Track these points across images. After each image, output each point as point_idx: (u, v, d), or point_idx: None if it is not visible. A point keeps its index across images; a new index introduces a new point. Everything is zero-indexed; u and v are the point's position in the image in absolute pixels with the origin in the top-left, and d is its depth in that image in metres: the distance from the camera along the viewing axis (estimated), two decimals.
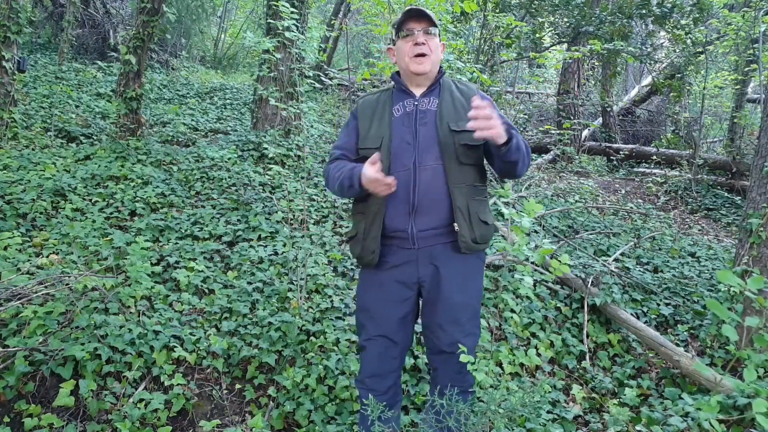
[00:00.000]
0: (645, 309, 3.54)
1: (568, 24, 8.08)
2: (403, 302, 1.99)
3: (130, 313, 2.89)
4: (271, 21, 4.70)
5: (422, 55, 1.93)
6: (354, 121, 2.07)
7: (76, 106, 7.13)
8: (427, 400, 1.99)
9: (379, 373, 2.05)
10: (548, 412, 2.58)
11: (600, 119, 10.59)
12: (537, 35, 8.35)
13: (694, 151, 7.52)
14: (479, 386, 1.91)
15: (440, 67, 2.06)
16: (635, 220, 5.85)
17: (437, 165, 1.91)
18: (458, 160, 1.90)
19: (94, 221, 3.85)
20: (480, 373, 1.85)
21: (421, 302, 2.06)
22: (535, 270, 3.61)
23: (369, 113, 2.02)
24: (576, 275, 3.68)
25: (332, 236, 4.09)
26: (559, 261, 2.59)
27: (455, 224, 1.89)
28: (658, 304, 3.60)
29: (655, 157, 8.39)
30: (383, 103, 2.02)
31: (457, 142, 1.91)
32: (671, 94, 9.32)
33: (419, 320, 2.12)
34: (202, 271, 3.41)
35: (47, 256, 3.31)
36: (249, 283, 3.38)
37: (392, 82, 2.09)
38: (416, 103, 1.98)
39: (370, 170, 1.78)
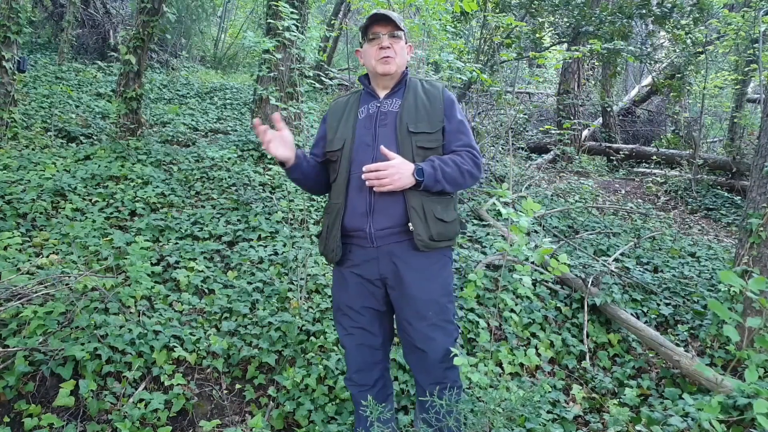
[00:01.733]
0: (645, 309, 3.54)
1: (568, 24, 8.07)
2: (369, 295, 2.03)
3: (130, 313, 2.89)
4: (271, 21, 4.70)
5: (388, 57, 1.98)
6: (323, 125, 2.14)
7: (76, 106, 7.13)
8: (424, 401, 1.98)
9: (363, 367, 2.10)
10: (548, 412, 2.58)
11: (600, 119, 10.58)
12: (537, 35, 8.33)
13: (694, 151, 7.52)
14: (478, 385, 1.91)
15: (405, 67, 2.10)
16: (635, 220, 5.84)
17: None
18: (413, 161, 1.91)
19: (94, 221, 3.85)
20: (462, 364, 1.84)
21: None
22: (536, 270, 3.61)
23: (338, 116, 2.10)
24: (576, 275, 3.68)
25: None
26: (558, 260, 2.58)
27: (410, 224, 1.91)
28: (658, 304, 3.60)
29: (655, 157, 8.39)
30: (351, 106, 2.09)
31: (414, 143, 1.95)
32: (671, 94, 9.32)
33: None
34: (202, 271, 3.41)
35: (47, 256, 3.31)
36: (249, 283, 3.37)
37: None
38: (378, 104, 2.03)
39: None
